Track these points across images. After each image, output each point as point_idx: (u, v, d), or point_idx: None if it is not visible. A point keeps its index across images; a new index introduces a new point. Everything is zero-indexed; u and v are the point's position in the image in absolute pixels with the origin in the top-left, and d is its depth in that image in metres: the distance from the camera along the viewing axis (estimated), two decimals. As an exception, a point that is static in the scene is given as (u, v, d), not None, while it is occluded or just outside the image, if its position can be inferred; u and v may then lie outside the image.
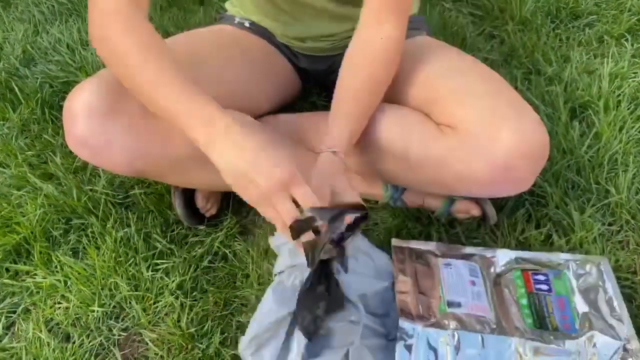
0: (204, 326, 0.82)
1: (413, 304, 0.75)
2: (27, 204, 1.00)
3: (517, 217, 0.92)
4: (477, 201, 0.91)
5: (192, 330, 0.81)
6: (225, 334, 0.82)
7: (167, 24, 1.40)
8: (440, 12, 1.38)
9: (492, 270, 0.81)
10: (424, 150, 0.79)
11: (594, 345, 0.70)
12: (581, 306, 0.75)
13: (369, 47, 0.81)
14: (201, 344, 0.80)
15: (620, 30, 1.28)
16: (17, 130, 1.16)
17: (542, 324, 0.73)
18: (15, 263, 0.94)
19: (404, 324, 0.71)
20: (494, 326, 0.73)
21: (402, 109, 0.85)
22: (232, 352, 0.79)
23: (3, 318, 0.87)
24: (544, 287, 0.78)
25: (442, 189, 0.84)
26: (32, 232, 0.95)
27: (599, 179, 0.97)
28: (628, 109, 1.08)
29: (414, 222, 0.93)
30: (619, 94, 1.11)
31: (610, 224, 0.92)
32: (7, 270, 0.93)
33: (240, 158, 0.64)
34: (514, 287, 0.78)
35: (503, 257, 0.82)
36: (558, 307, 0.75)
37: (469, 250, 0.84)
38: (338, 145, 0.79)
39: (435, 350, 0.70)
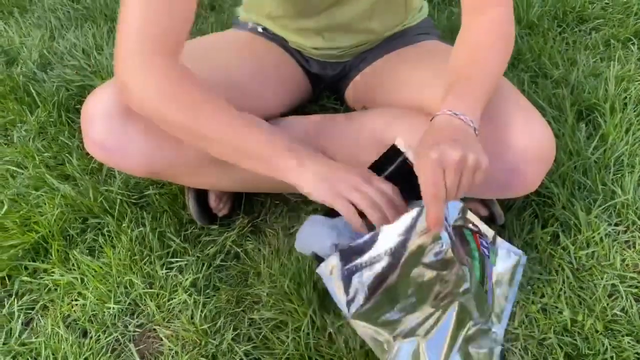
0: (217, 323, 0.84)
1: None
2: (45, 204, 1.02)
3: (524, 218, 0.94)
4: (485, 202, 0.92)
5: (206, 326, 0.83)
6: (238, 331, 0.84)
7: (179, 29, 1.43)
8: (449, 16, 1.39)
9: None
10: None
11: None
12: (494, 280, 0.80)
13: (472, 26, 0.77)
14: (214, 340, 0.82)
15: (627, 34, 1.29)
16: (35, 133, 1.19)
17: (482, 282, 0.76)
18: (34, 261, 0.96)
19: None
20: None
21: (411, 112, 0.86)
22: (244, 348, 0.81)
23: (22, 314, 0.89)
24: (486, 251, 0.80)
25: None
26: (49, 231, 0.98)
27: (605, 180, 0.98)
28: (634, 111, 1.09)
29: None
30: (625, 97, 1.12)
31: (616, 225, 0.93)
32: (26, 268, 0.95)
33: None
34: (468, 241, 0.79)
35: (453, 210, 0.80)
36: (489, 273, 0.78)
37: None
38: (466, 108, 0.67)
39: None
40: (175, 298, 0.88)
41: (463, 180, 0.62)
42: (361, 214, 0.69)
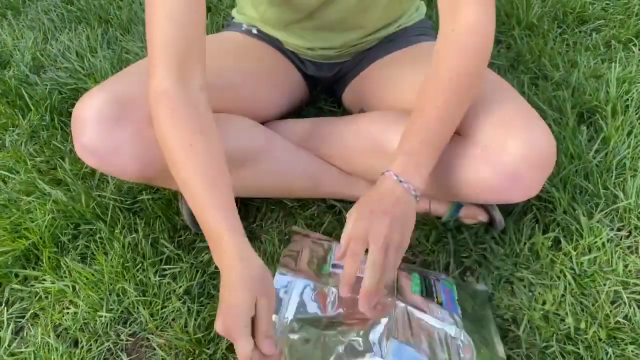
0: (211, 331, 0.82)
1: (295, 263, 0.83)
2: (36, 209, 1.01)
3: (524, 222, 0.92)
4: (484, 207, 0.91)
5: (199, 335, 0.82)
6: (232, 340, 0.82)
7: (174, 30, 1.41)
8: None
9: None
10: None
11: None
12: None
13: (442, 45, 0.74)
14: (208, 349, 0.81)
15: (628, 35, 1.28)
16: (27, 137, 1.17)
17: (429, 295, 0.77)
18: (24, 268, 0.94)
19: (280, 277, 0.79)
20: None
21: (408, 115, 0.85)
22: (239, 357, 0.79)
23: (12, 323, 0.88)
24: (434, 277, 0.82)
25: (449, 196, 0.84)
26: (41, 238, 0.96)
27: (607, 184, 0.96)
28: (636, 113, 1.08)
29: (420, 227, 0.93)
30: (627, 99, 1.11)
31: (619, 229, 0.91)
32: (16, 275, 0.94)
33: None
34: (410, 278, 0.80)
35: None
36: (444, 292, 0.79)
37: None
38: (413, 177, 0.70)
39: (302, 299, 0.75)
40: (168, 306, 0.86)
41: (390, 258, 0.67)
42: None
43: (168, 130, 0.69)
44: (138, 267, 0.91)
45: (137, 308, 0.86)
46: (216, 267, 0.90)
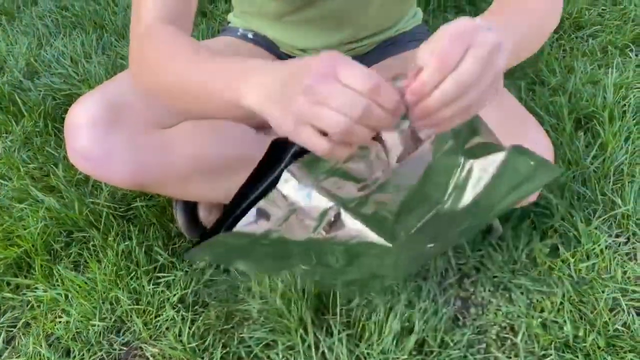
0: (206, 340, 0.81)
1: None
2: (28, 217, 0.99)
3: (522, 229, 0.91)
4: (482, 213, 0.90)
5: (194, 344, 0.81)
6: (227, 349, 0.81)
7: (170, 36, 1.41)
8: (443, 23, 1.38)
9: None
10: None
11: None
12: None
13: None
14: (202, 358, 0.79)
15: (624, 41, 1.28)
16: (20, 143, 1.16)
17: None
18: (16, 277, 0.93)
19: None
20: None
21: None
22: (234, 367, 0.78)
23: (3, 332, 0.86)
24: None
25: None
26: (33, 246, 0.95)
27: (604, 190, 0.96)
28: (633, 119, 1.07)
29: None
30: (624, 105, 1.10)
31: (617, 236, 0.91)
32: (8, 284, 0.92)
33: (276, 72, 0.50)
34: None
35: None
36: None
37: None
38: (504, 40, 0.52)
39: None
40: (162, 314, 0.85)
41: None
42: None
43: (149, 50, 0.63)
44: (132, 275, 0.90)
45: (131, 317, 0.85)
46: (211, 275, 0.89)
